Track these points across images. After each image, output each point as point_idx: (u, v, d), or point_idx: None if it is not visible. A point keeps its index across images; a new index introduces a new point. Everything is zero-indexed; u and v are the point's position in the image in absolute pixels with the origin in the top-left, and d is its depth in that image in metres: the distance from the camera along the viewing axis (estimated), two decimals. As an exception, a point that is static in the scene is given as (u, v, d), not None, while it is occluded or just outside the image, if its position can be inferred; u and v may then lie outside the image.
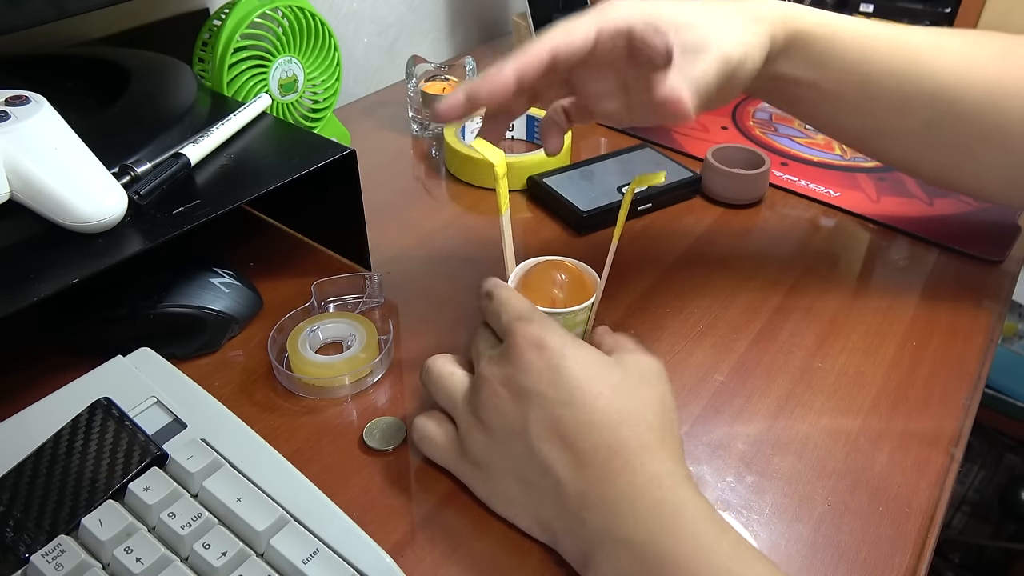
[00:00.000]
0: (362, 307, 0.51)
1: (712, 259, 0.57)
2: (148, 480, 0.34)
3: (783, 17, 0.45)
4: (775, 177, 0.66)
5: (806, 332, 0.50)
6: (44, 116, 0.39)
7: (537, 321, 0.37)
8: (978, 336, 0.50)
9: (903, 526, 0.38)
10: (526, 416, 0.35)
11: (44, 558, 0.31)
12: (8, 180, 0.37)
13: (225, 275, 0.48)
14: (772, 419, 0.44)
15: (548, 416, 0.35)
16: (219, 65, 0.57)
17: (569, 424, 0.35)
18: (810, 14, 0.46)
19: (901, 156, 0.51)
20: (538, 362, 0.36)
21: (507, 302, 0.39)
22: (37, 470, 0.34)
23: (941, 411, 0.45)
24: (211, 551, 0.32)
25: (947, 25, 0.94)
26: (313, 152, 0.48)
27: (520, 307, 0.39)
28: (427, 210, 0.63)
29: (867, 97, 0.47)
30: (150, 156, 0.44)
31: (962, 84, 0.46)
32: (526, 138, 0.72)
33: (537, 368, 0.36)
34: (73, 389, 0.38)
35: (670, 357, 0.48)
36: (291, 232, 0.58)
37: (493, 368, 0.37)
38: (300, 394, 0.45)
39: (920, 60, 0.47)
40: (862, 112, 0.48)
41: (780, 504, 0.39)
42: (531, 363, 0.36)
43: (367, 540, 0.33)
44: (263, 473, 0.35)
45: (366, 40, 0.85)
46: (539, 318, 0.38)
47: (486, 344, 0.39)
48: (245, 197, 0.44)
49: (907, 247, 0.59)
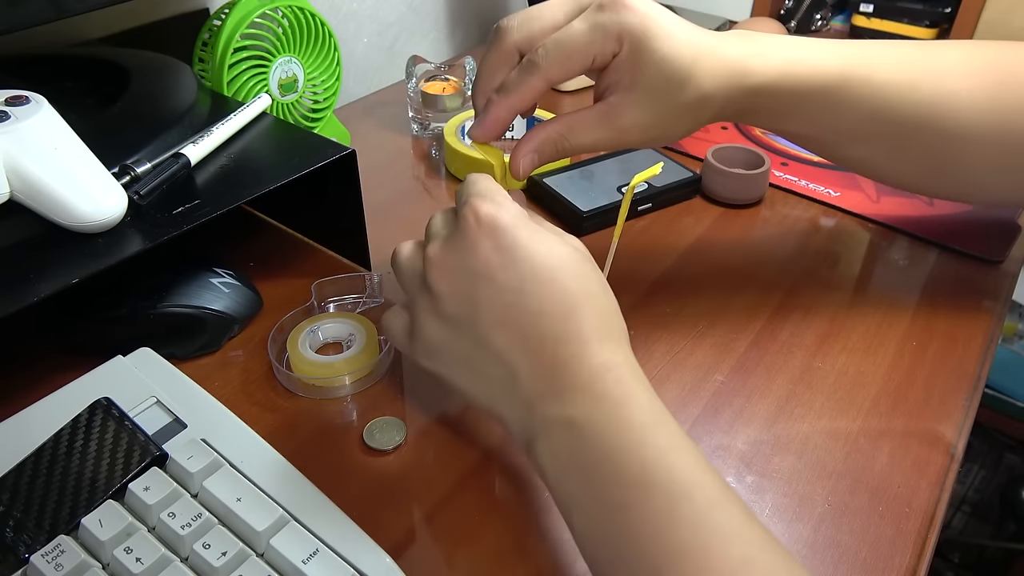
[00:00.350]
0: (362, 307, 0.51)
1: (712, 259, 0.57)
2: (148, 480, 0.34)
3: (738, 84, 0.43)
4: (775, 177, 0.66)
5: (806, 332, 0.50)
6: (44, 116, 0.39)
7: (491, 198, 0.35)
8: (978, 336, 0.50)
9: (903, 526, 0.38)
10: (476, 301, 0.34)
11: (44, 558, 0.31)
12: (8, 180, 0.37)
13: (225, 275, 0.48)
14: (772, 419, 0.44)
15: (499, 303, 0.34)
16: (219, 65, 0.57)
17: (520, 312, 0.33)
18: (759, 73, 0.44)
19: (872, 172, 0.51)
20: (487, 242, 0.34)
21: (474, 181, 0.37)
22: (37, 470, 0.34)
23: (941, 411, 0.45)
24: (211, 551, 0.32)
25: (947, 25, 0.93)
26: (313, 152, 0.48)
27: (482, 184, 0.37)
28: (427, 210, 0.62)
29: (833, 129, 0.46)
30: (150, 156, 0.44)
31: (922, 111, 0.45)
32: (526, 138, 0.72)
33: (487, 249, 0.34)
34: (73, 389, 0.38)
35: (670, 357, 0.48)
36: (291, 232, 0.58)
37: (441, 250, 0.35)
38: (300, 394, 0.45)
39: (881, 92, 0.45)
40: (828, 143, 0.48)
41: (780, 504, 0.39)
42: (481, 244, 0.34)
43: (367, 540, 0.33)
44: (263, 473, 0.35)
45: (366, 40, 0.85)
46: (496, 196, 0.36)
47: (441, 223, 0.37)
48: (245, 197, 0.44)
49: (907, 247, 0.59)
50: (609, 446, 0.31)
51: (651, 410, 0.32)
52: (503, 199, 0.36)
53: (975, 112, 0.46)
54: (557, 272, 0.34)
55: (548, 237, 0.35)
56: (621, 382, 0.33)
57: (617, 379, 0.33)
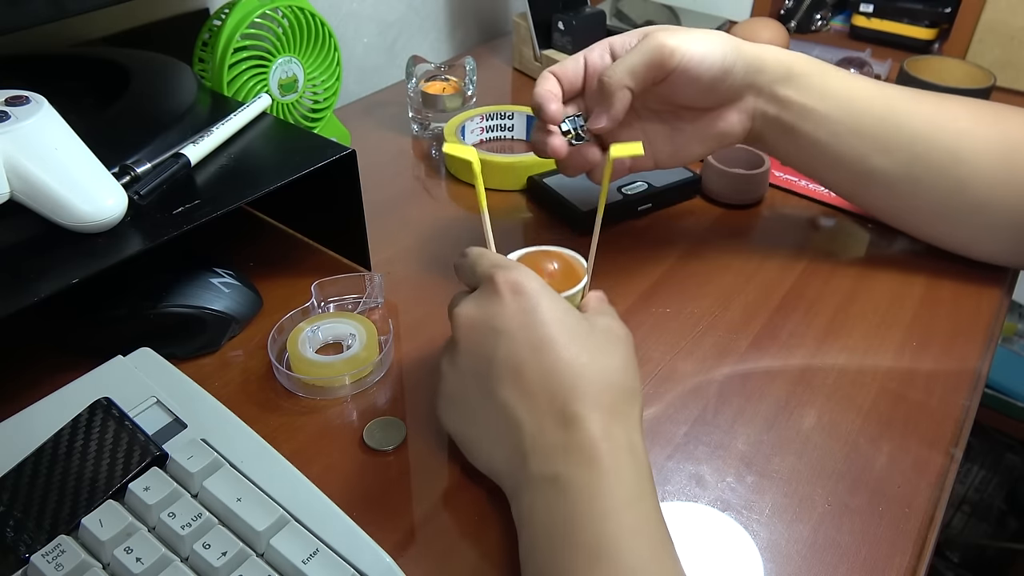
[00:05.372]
0: (362, 307, 0.51)
1: (712, 259, 0.57)
2: (148, 480, 0.34)
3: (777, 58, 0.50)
4: (775, 177, 0.66)
5: (806, 332, 0.50)
6: (44, 116, 0.39)
7: (514, 268, 0.37)
8: (978, 336, 0.50)
9: (903, 526, 0.38)
10: (493, 354, 0.36)
11: (44, 558, 0.31)
12: (8, 180, 0.37)
13: (225, 275, 0.48)
14: (772, 419, 0.44)
15: (513, 357, 0.35)
16: (219, 65, 0.57)
17: (532, 369, 0.35)
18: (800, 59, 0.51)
19: (888, 204, 0.54)
20: (513, 304, 0.36)
21: (482, 255, 0.40)
22: (37, 470, 0.34)
23: (941, 411, 0.45)
24: (211, 551, 0.32)
25: (947, 25, 0.93)
26: (313, 152, 0.48)
27: (496, 257, 0.39)
28: (427, 210, 0.63)
29: (855, 132, 0.50)
30: (150, 156, 0.44)
31: (934, 132, 0.50)
32: (526, 138, 0.72)
33: (512, 309, 0.36)
34: (73, 389, 0.38)
35: (670, 357, 0.48)
36: (291, 232, 0.58)
37: (468, 308, 0.37)
38: (300, 394, 0.45)
39: (896, 106, 0.51)
40: (851, 149, 0.51)
41: (780, 504, 0.39)
42: (507, 304, 0.36)
43: (367, 540, 0.33)
44: (263, 473, 0.35)
45: (366, 40, 0.85)
46: (516, 266, 0.38)
47: (459, 297, 0.39)
48: (245, 197, 0.44)
49: (907, 247, 0.59)
50: (579, 509, 0.32)
51: (633, 486, 0.33)
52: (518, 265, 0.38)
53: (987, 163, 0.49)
54: (573, 339, 0.36)
55: (569, 309, 0.37)
56: (614, 453, 0.33)
57: (611, 449, 0.33)
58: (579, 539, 0.31)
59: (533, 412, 0.34)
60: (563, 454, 0.33)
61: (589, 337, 0.36)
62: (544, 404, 0.34)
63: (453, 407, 0.38)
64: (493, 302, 0.37)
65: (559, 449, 0.33)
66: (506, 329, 0.36)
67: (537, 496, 0.33)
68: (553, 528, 0.32)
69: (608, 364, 0.36)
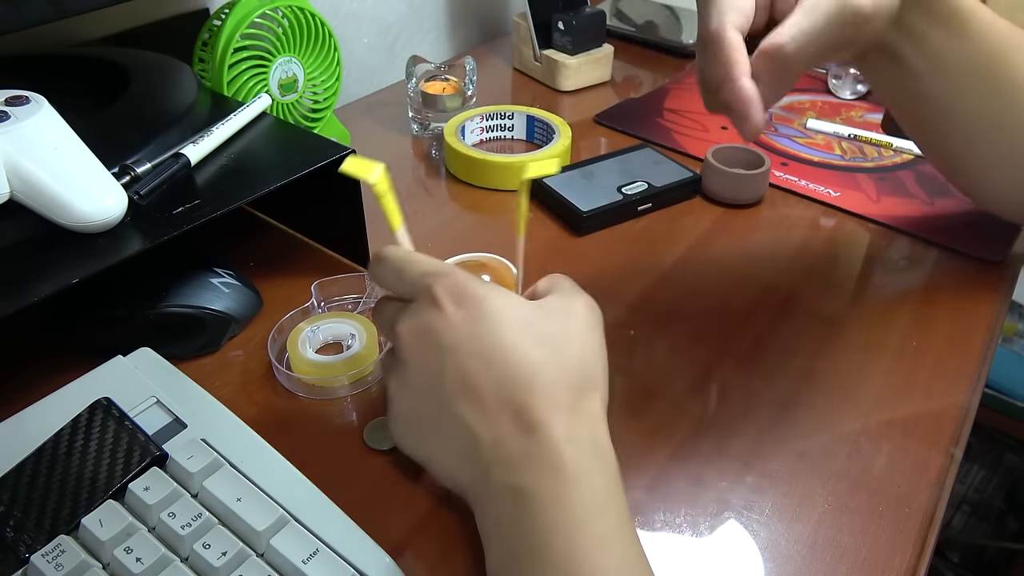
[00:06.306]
0: (362, 307, 0.51)
1: (712, 259, 0.57)
2: (148, 480, 0.34)
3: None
4: (775, 177, 0.66)
5: (806, 332, 0.50)
6: (44, 116, 0.39)
7: (449, 273, 0.35)
8: (978, 336, 0.50)
9: (903, 526, 0.38)
10: (442, 371, 0.34)
11: (44, 558, 0.31)
12: (8, 180, 0.37)
13: (225, 275, 0.48)
14: (772, 419, 0.44)
15: (463, 371, 0.33)
16: (219, 65, 0.57)
17: (484, 380, 0.33)
18: None
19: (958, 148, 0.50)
20: (457, 315, 0.34)
21: (406, 261, 0.36)
22: (37, 470, 0.34)
23: (941, 411, 0.45)
24: (211, 551, 0.32)
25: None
26: (313, 152, 0.48)
27: (425, 263, 0.36)
28: (427, 210, 0.63)
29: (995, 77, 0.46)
30: (150, 156, 0.44)
31: None
32: (526, 138, 0.72)
33: (456, 321, 0.34)
34: (73, 389, 0.38)
35: (670, 357, 0.48)
36: (291, 232, 0.58)
37: (409, 325, 0.35)
38: (300, 394, 0.45)
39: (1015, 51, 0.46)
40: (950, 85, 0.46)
41: (780, 504, 0.39)
42: (450, 316, 0.34)
43: (367, 540, 0.33)
44: (263, 473, 0.35)
45: (366, 40, 0.85)
46: (451, 270, 0.35)
47: (392, 310, 0.37)
48: (245, 197, 0.44)
49: (907, 247, 0.59)
50: (546, 523, 0.31)
51: (602, 492, 0.32)
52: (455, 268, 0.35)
53: None
54: (524, 338, 0.34)
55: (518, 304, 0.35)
56: (579, 456, 0.32)
57: (575, 452, 0.32)
58: (548, 555, 0.30)
59: (490, 424, 0.33)
60: (527, 463, 0.32)
61: (542, 326, 0.35)
62: (501, 415, 0.33)
63: (408, 428, 0.37)
64: (434, 316, 0.34)
65: (522, 459, 0.32)
66: (452, 344, 0.34)
67: (503, 508, 0.32)
68: (520, 543, 0.31)
69: (565, 353, 0.34)
